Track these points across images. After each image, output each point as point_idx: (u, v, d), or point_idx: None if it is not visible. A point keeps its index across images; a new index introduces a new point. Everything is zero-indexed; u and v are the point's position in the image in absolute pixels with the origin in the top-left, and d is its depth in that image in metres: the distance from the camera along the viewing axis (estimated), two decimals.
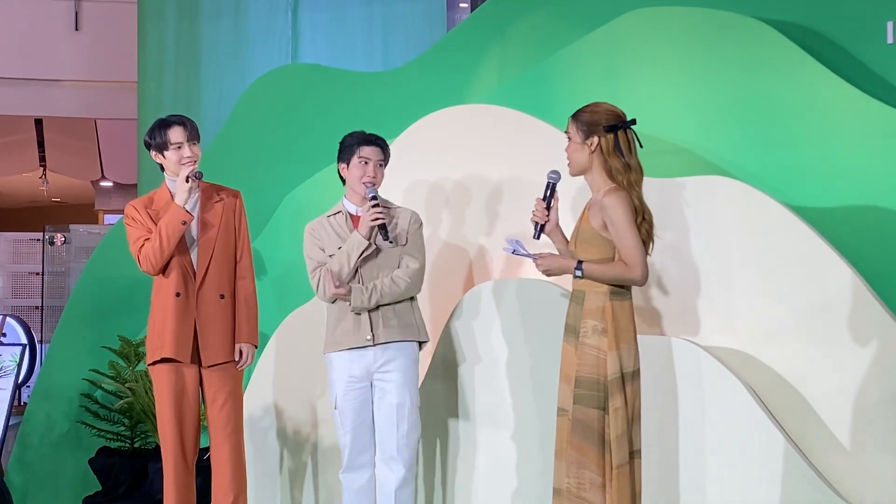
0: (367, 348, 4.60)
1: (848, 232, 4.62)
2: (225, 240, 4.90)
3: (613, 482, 3.84)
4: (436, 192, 5.35)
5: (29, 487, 6.78)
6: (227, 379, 4.86)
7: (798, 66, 4.92)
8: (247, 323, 4.90)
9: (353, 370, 4.63)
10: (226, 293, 4.87)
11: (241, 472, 4.90)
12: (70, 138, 14.53)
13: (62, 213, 17.49)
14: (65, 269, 10.92)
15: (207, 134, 8.05)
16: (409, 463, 4.63)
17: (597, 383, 3.87)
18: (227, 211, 4.93)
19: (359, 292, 4.56)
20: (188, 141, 4.83)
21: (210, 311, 4.83)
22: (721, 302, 4.51)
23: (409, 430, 4.63)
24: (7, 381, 6.51)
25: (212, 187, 4.97)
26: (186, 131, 4.83)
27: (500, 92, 5.88)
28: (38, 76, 12.41)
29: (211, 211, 4.90)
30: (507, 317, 4.83)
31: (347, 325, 4.63)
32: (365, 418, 4.65)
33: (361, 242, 4.57)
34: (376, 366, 4.62)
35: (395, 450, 4.61)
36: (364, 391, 4.65)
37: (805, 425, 4.29)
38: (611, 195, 3.91)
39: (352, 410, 4.63)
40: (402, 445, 4.61)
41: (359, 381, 4.64)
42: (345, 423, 4.64)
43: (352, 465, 4.67)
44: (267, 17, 8.91)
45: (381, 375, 4.63)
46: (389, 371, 4.62)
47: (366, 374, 4.63)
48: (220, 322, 4.84)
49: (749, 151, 5.00)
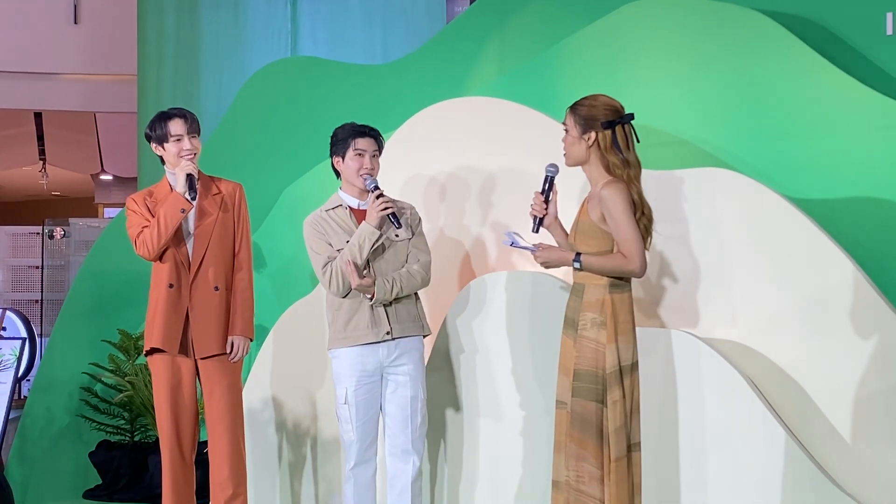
0: (380, 343, 4.58)
1: (848, 223, 4.61)
2: (222, 232, 4.89)
3: (612, 475, 3.83)
4: (435, 184, 5.35)
5: (29, 481, 6.79)
6: (224, 371, 4.85)
7: (797, 58, 4.91)
8: (241, 315, 4.90)
9: (366, 365, 4.60)
10: (220, 285, 4.86)
11: (239, 466, 4.90)
12: (69, 132, 14.52)
13: (62, 206, 17.49)
14: (64, 262, 10.92)
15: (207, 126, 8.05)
16: (423, 455, 4.69)
17: (595, 376, 3.87)
18: (226, 203, 4.93)
19: (382, 284, 4.54)
20: (188, 133, 4.82)
21: (203, 302, 4.83)
22: (721, 294, 4.50)
23: (422, 422, 4.67)
24: (7, 374, 6.50)
25: (212, 180, 4.97)
26: (187, 124, 4.83)
27: (499, 84, 5.87)
28: (38, 70, 12.40)
29: (209, 203, 4.90)
30: (507, 309, 4.82)
31: (363, 320, 4.58)
32: (374, 413, 4.66)
33: (373, 233, 4.52)
34: (389, 360, 4.61)
35: (409, 442, 4.63)
36: (375, 386, 4.64)
37: (805, 418, 4.28)
38: (609, 187, 3.90)
39: (363, 405, 4.62)
40: (416, 438, 4.64)
41: (371, 376, 4.62)
42: (355, 417, 4.61)
43: (361, 459, 4.66)
44: (266, 10, 8.91)
45: (393, 369, 4.62)
46: (403, 364, 4.62)
47: (378, 368, 4.61)
48: (213, 314, 4.84)
49: (749, 143, 4.99)
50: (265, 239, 6.49)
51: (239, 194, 4.99)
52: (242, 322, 4.90)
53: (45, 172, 15.45)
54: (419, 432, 4.66)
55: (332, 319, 4.66)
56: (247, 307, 4.93)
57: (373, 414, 4.65)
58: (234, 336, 4.87)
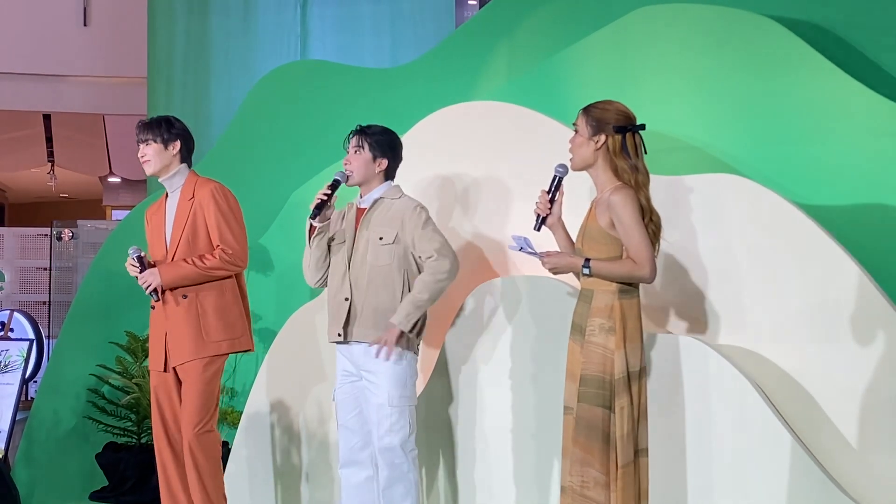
0: (346, 344, 4.59)
1: (857, 230, 4.61)
2: (191, 238, 4.86)
3: (618, 481, 3.82)
4: (443, 189, 5.34)
5: (36, 482, 6.79)
6: (191, 377, 4.82)
7: (807, 64, 4.90)
8: (177, 265, 4.81)
9: (345, 364, 4.65)
10: (190, 293, 4.83)
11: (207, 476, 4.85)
12: (78, 134, 14.57)
13: (70, 208, 17.54)
14: (72, 264, 10.94)
15: (216, 129, 8.10)
16: (395, 463, 4.52)
17: (602, 382, 3.86)
18: (196, 209, 4.88)
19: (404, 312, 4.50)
20: (139, 142, 4.92)
21: (175, 314, 4.84)
22: (729, 300, 4.49)
23: (390, 429, 4.51)
24: (14, 376, 6.52)
25: (191, 187, 4.93)
26: (137, 132, 4.92)
27: (508, 89, 5.87)
28: (47, 72, 12.44)
29: (180, 211, 4.90)
30: (514, 315, 4.82)
31: (331, 318, 4.63)
32: (356, 414, 4.62)
33: (307, 222, 4.63)
34: (363, 360, 4.57)
35: (378, 449, 4.55)
36: (355, 386, 4.63)
37: (813, 424, 4.27)
38: (618, 193, 3.90)
39: (342, 405, 4.64)
40: (382, 446, 4.53)
41: (351, 376, 4.64)
42: (337, 416, 4.65)
43: (347, 461, 4.65)
44: (276, 14, 8.93)
45: (366, 372, 4.58)
46: (374, 368, 4.54)
47: (357, 368, 4.61)
48: (182, 322, 4.83)
49: (758, 149, 4.99)
50: (272, 242, 6.49)
51: (209, 195, 4.86)
52: (171, 266, 4.81)
53: (53, 174, 15.51)
54: (386, 441, 4.51)
55: None
56: (192, 265, 4.80)
57: (355, 415, 4.62)
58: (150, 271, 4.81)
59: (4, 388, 6.67)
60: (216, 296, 4.86)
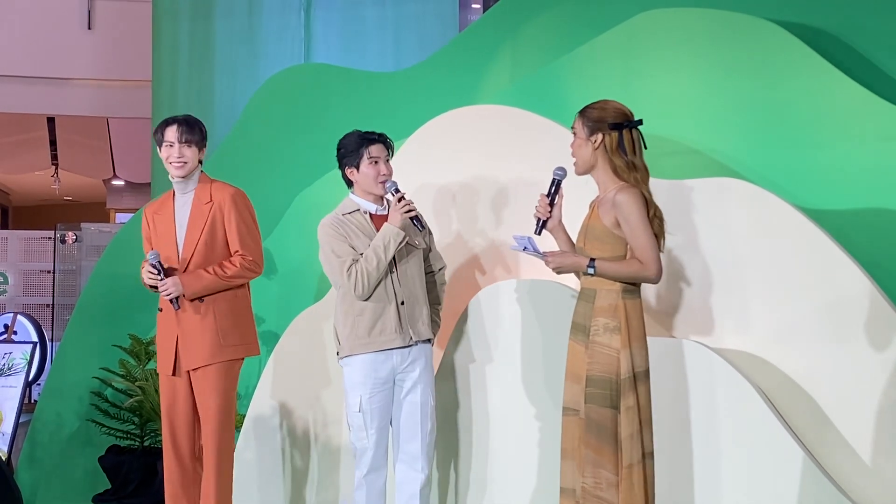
0: (394, 350, 4.57)
1: (860, 234, 4.60)
2: (209, 244, 4.80)
3: (623, 482, 3.82)
4: (447, 192, 5.35)
5: (39, 485, 6.80)
6: (211, 379, 4.80)
7: (810, 68, 4.90)
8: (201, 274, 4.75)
9: (380, 372, 4.58)
10: (205, 297, 4.79)
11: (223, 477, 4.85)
12: (82, 137, 14.58)
13: (74, 211, 17.54)
14: (76, 267, 10.95)
15: (220, 132, 8.09)
16: (433, 462, 4.67)
17: (609, 382, 3.85)
18: (215, 213, 4.82)
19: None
20: (180, 142, 4.78)
21: (189, 318, 4.79)
22: (732, 304, 4.49)
23: (432, 429, 4.66)
24: (17, 378, 6.53)
25: (210, 186, 4.87)
26: (178, 132, 4.78)
27: (511, 92, 5.87)
28: (51, 75, 12.46)
29: (197, 213, 4.82)
30: (518, 317, 4.82)
31: (389, 324, 4.56)
32: (387, 420, 4.65)
33: (398, 234, 4.50)
34: (402, 366, 4.60)
35: (419, 449, 4.61)
36: (389, 393, 4.63)
37: (817, 428, 4.27)
38: (623, 192, 3.89)
39: (378, 413, 4.60)
40: (426, 444, 4.63)
41: (384, 384, 4.60)
42: (370, 425, 4.59)
43: (374, 467, 4.64)
44: (280, 17, 8.93)
45: (404, 375, 4.61)
46: (414, 371, 4.62)
47: (391, 375, 4.60)
48: (198, 327, 4.78)
49: (761, 153, 4.99)
50: (276, 245, 6.49)
51: (228, 199, 4.82)
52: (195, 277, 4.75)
53: (57, 177, 15.52)
54: (429, 439, 4.65)
55: (353, 324, 4.58)
56: (214, 276, 4.75)
57: (387, 421, 4.65)
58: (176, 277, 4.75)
59: (8, 390, 6.69)
60: (230, 300, 4.84)
